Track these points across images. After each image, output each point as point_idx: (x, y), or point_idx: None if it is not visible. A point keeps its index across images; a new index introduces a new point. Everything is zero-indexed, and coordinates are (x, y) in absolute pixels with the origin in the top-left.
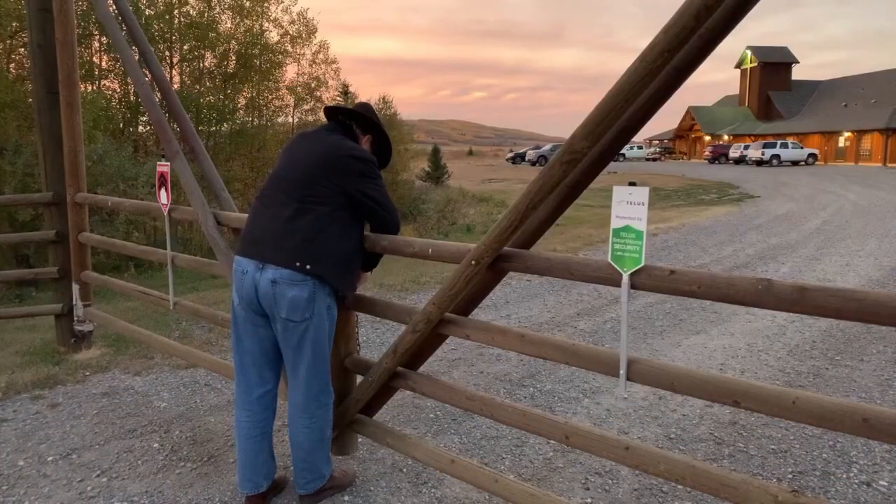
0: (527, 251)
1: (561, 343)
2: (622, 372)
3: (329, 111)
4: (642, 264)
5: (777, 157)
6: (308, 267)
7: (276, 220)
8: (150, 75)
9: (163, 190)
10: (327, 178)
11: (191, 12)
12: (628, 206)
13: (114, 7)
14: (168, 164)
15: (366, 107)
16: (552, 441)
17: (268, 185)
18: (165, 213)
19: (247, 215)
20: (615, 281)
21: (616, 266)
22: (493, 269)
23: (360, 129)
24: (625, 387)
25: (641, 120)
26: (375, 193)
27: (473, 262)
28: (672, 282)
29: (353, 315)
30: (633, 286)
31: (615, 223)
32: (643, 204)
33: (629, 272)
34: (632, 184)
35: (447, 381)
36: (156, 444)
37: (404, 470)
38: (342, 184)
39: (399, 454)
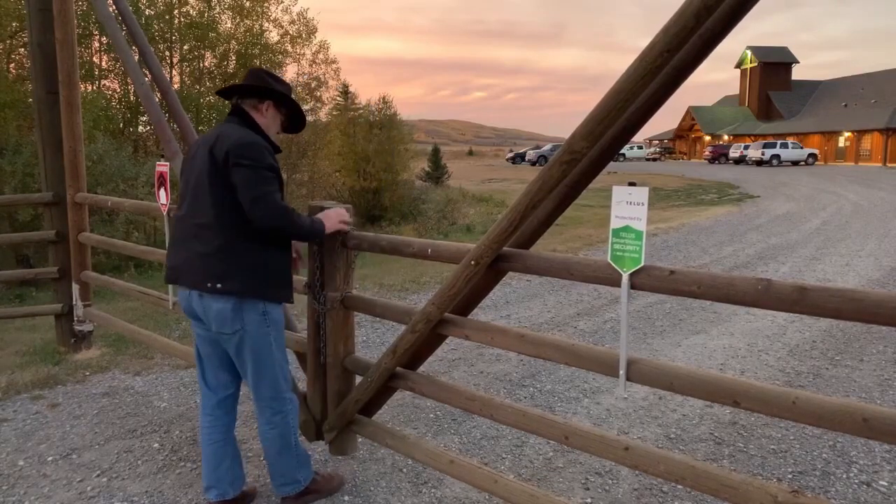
0: (526, 251)
1: (560, 343)
2: (622, 372)
3: (223, 94)
4: (642, 264)
5: (777, 157)
6: (219, 286)
7: (181, 242)
8: (150, 75)
9: (162, 190)
10: (211, 185)
11: (191, 12)
12: (628, 206)
13: (114, 7)
14: (167, 164)
15: (254, 74)
16: (552, 441)
17: (178, 204)
18: (165, 213)
19: None
20: (615, 281)
21: (616, 266)
22: (492, 269)
23: (255, 100)
24: (624, 387)
25: (641, 120)
26: (239, 179)
27: (473, 263)
28: (672, 282)
29: (351, 315)
30: (633, 286)
31: (615, 223)
32: (643, 204)
33: (629, 272)
34: (631, 184)
35: (446, 382)
36: (156, 444)
37: (404, 470)
38: (226, 183)
39: (399, 454)
